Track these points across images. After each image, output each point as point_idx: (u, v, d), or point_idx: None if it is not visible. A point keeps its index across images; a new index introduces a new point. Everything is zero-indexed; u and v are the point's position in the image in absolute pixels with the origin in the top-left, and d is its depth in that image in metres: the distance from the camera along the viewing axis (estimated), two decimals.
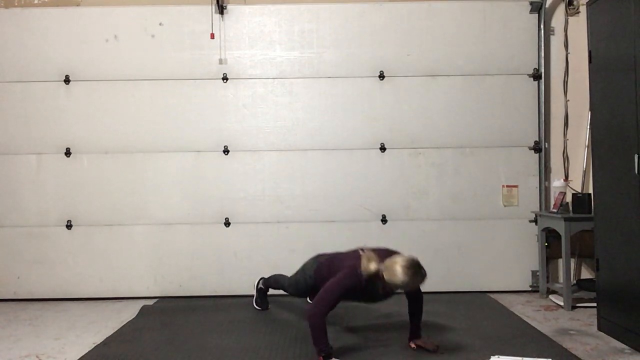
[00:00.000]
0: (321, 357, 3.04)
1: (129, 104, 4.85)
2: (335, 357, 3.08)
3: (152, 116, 4.85)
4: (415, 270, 3.05)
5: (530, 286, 4.82)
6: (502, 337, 3.50)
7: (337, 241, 4.81)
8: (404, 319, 3.92)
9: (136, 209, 4.84)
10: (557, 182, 4.70)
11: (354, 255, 3.27)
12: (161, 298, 4.80)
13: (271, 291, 4.43)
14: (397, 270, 3.02)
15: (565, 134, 4.90)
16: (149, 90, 4.85)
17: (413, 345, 3.34)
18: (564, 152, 4.90)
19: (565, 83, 4.90)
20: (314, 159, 4.86)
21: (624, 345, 3.39)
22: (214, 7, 4.80)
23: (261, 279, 4.33)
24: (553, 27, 4.92)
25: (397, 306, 4.29)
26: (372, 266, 3.11)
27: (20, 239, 4.84)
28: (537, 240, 4.78)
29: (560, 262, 4.73)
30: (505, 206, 4.86)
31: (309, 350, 3.30)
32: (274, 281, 4.18)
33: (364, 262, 3.14)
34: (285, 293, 4.01)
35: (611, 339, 3.53)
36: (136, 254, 4.84)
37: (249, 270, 4.75)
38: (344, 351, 3.26)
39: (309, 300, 4.33)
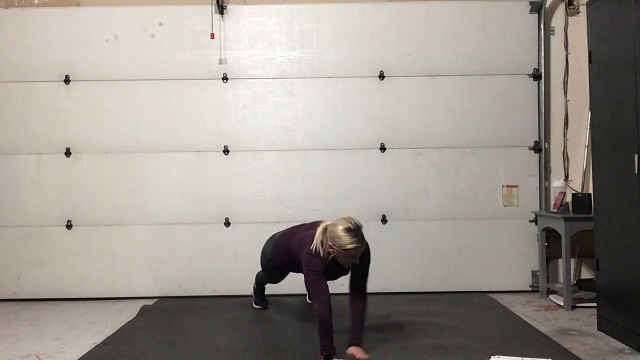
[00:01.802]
0: (322, 357, 3.04)
1: (129, 104, 4.85)
2: (337, 358, 3.08)
3: (152, 116, 4.85)
4: (356, 231, 3.02)
5: (530, 286, 4.82)
6: (502, 337, 3.50)
7: None
8: (404, 319, 3.93)
9: (136, 209, 4.84)
10: (557, 182, 4.70)
11: (309, 234, 3.26)
12: (161, 298, 4.80)
13: (272, 291, 4.44)
14: (339, 234, 3.01)
15: (565, 134, 4.90)
16: (149, 90, 4.85)
17: (349, 352, 3.09)
18: (564, 152, 4.90)
19: (565, 83, 4.90)
20: (314, 159, 4.86)
21: (624, 345, 3.39)
22: (214, 7, 4.80)
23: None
24: (553, 27, 4.92)
25: (397, 306, 4.30)
26: (319, 240, 3.11)
27: (20, 239, 4.84)
28: (537, 240, 4.78)
29: (560, 262, 4.73)
30: (505, 206, 4.86)
31: (309, 350, 3.30)
32: (258, 279, 4.25)
33: (315, 241, 3.13)
34: (285, 293, 4.02)
35: (611, 339, 3.53)
36: (136, 254, 4.84)
37: (249, 270, 4.74)
38: (344, 351, 3.26)
39: (308, 300, 4.35)
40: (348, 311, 3.20)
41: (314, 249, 3.13)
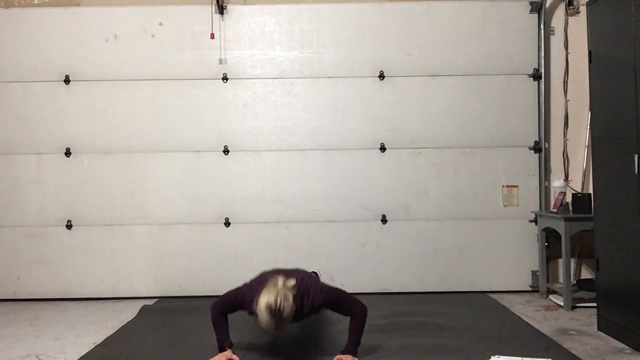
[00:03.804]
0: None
1: (129, 104, 4.85)
2: (228, 350, 3.12)
3: (152, 116, 4.85)
4: (275, 315, 2.77)
5: (530, 286, 4.82)
6: (502, 337, 3.49)
7: (337, 241, 4.83)
8: (404, 319, 3.92)
9: (136, 209, 4.84)
10: (557, 182, 4.70)
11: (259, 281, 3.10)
12: (161, 298, 4.80)
13: None
14: (261, 307, 2.81)
15: (565, 134, 4.90)
16: (149, 91, 4.85)
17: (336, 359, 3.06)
18: (564, 152, 4.90)
19: (565, 83, 4.90)
20: (314, 159, 4.86)
21: (624, 345, 3.39)
22: (214, 7, 4.80)
23: None
24: (553, 27, 4.92)
25: (397, 306, 4.30)
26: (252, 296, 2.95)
27: (20, 239, 4.84)
28: (537, 240, 4.78)
29: (560, 262, 4.73)
30: (505, 206, 4.86)
31: (310, 350, 3.31)
32: None
33: (255, 293, 2.95)
34: None
35: (611, 339, 3.52)
36: (136, 254, 4.84)
37: (249, 270, 4.69)
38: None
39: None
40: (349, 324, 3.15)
41: (246, 290, 3.07)
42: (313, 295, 3.03)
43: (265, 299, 2.81)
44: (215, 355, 3.14)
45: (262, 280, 3.05)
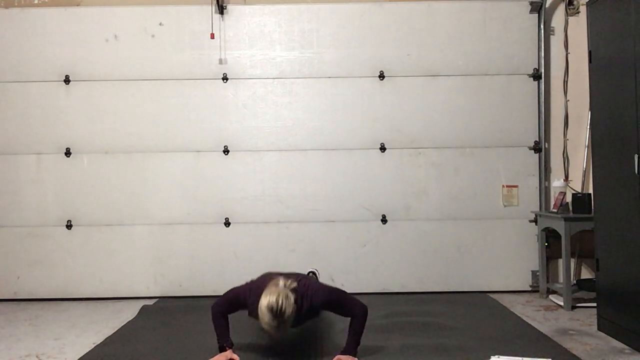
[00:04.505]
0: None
1: (129, 104, 4.85)
2: (229, 350, 3.11)
3: (152, 116, 4.85)
4: (277, 315, 2.77)
5: (530, 286, 4.82)
6: (502, 337, 3.49)
7: (337, 241, 4.83)
8: (404, 319, 3.92)
9: (136, 209, 4.84)
10: (557, 182, 4.70)
11: (258, 284, 3.09)
12: (161, 298, 4.80)
13: None
14: (262, 308, 2.81)
15: (565, 134, 4.90)
16: (149, 91, 4.85)
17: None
18: (564, 152, 4.90)
19: (565, 83, 4.90)
20: (314, 159, 4.86)
21: (624, 345, 3.39)
22: (214, 7, 4.80)
23: None
24: (553, 27, 4.92)
25: (397, 306, 4.30)
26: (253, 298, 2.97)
27: (20, 239, 4.84)
28: (537, 240, 4.78)
29: (560, 262, 4.73)
30: (505, 206, 4.86)
31: (309, 351, 3.30)
32: None
33: (255, 295, 2.98)
34: None
35: (611, 339, 3.52)
36: (136, 254, 4.84)
37: (249, 270, 4.73)
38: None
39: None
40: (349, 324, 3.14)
41: (248, 291, 3.08)
42: (312, 295, 3.02)
43: (266, 300, 2.81)
44: (215, 355, 3.13)
45: (263, 281, 3.05)
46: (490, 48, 4.85)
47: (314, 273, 4.32)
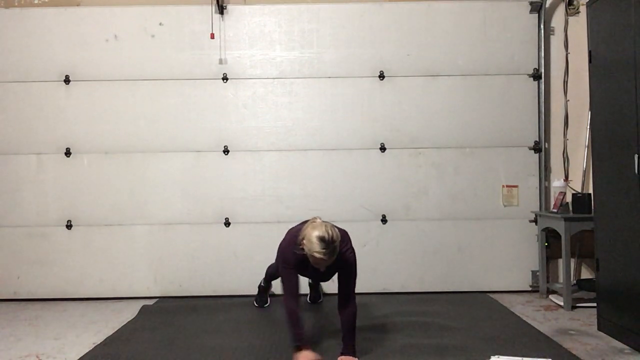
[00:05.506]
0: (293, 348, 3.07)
1: (129, 104, 4.85)
2: (307, 350, 3.07)
3: (152, 116, 4.85)
4: (329, 243, 2.90)
5: (530, 286, 4.82)
6: (502, 337, 3.50)
7: None
8: (404, 319, 3.92)
9: (136, 209, 4.84)
10: (557, 182, 4.70)
11: (296, 229, 3.21)
12: (161, 298, 4.80)
13: (272, 291, 4.45)
14: (312, 239, 2.92)
15: (565, 134, 4.90)
16: (149, 90, 4.85)
17: None
18: (564, 152, 4.90)
19: (565, 83, 4.90)
20: (314, 159, 4.86)
21: (624, 345, 3.39)
22: (214, 7, 4.80)
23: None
24: (553, 27, 4.92)
25: (397, 306, 4.30)
26: (300, 236, 3.03)
27: (20, 239, 4.84)
28: (537, 240, 4.78)
29: (560, 262, 4.73)
30: (505, 206, 4.86)
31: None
32: (269, 274, 4.22)
33: (300, 235, 3.05)
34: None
35: (611, 339, 3.53)
36: (136, 254, 4.84)
37: (249, 270, 4.75)
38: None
39: (308, 300, 4.35)
40: (340, 320, 3.17)
41: (292, 246, 3.09)
42: (346, 249, 3.12)
43: (315, 232, 2.93)
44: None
45: (300, 227, 3.16)
46: (490, 48, 4.85)
47: None
